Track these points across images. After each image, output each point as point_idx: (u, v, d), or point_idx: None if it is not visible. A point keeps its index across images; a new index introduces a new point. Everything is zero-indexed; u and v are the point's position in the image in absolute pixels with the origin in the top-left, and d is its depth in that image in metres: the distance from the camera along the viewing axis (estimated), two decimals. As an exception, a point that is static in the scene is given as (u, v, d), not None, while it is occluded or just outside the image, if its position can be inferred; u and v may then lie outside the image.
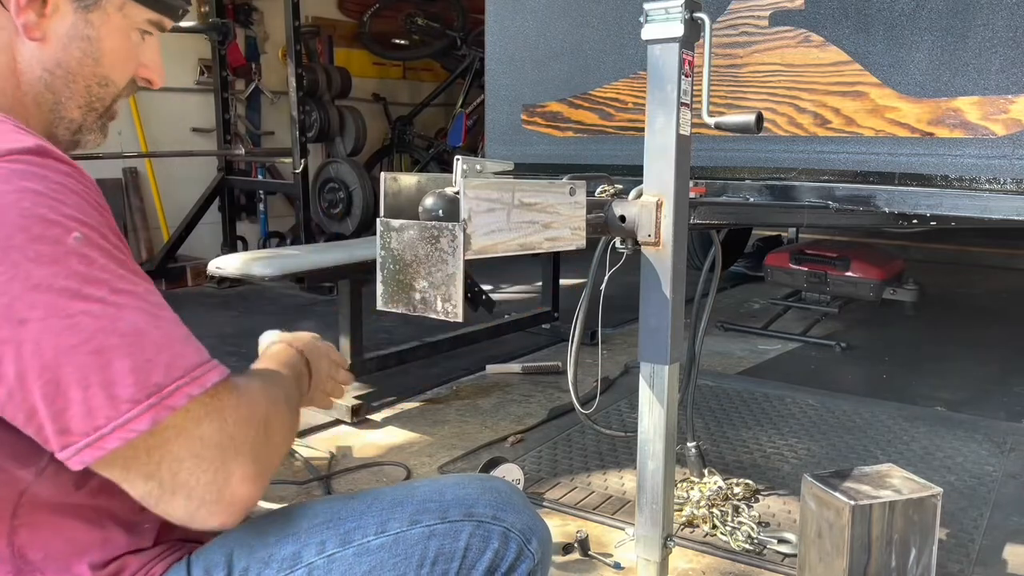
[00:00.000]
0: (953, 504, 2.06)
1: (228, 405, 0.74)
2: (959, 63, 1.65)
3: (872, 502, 1.47)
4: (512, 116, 2.35)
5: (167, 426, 0.70)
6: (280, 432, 0.82)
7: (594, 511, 2.07)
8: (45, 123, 0.89)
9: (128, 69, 0.92)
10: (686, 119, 1.31)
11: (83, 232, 0.70)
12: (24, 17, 0.83)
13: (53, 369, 0.67)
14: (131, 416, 0.68)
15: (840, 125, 1.82)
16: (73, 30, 0.86)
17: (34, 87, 0.86)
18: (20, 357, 0.67)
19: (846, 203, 1.83)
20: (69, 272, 0.68)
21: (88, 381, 0.67)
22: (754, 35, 1.90)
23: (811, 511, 1.57)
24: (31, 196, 0.69)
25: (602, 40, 2.15)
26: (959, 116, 1.66)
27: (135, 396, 0.68)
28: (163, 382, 0.70)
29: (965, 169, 1.66)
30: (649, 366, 1.37)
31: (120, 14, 0.89)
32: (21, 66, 0.85)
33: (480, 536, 0.90)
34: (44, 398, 0.67)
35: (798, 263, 4.14)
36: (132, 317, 0.70)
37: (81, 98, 0.89)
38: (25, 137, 0.74)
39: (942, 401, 2.98)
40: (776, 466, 2.34)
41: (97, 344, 0.68)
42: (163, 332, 0.72)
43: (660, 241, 1.31)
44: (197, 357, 0.74)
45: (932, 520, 1.52)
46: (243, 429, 0.75)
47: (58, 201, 0.70)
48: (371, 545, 0.88)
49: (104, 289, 0.70)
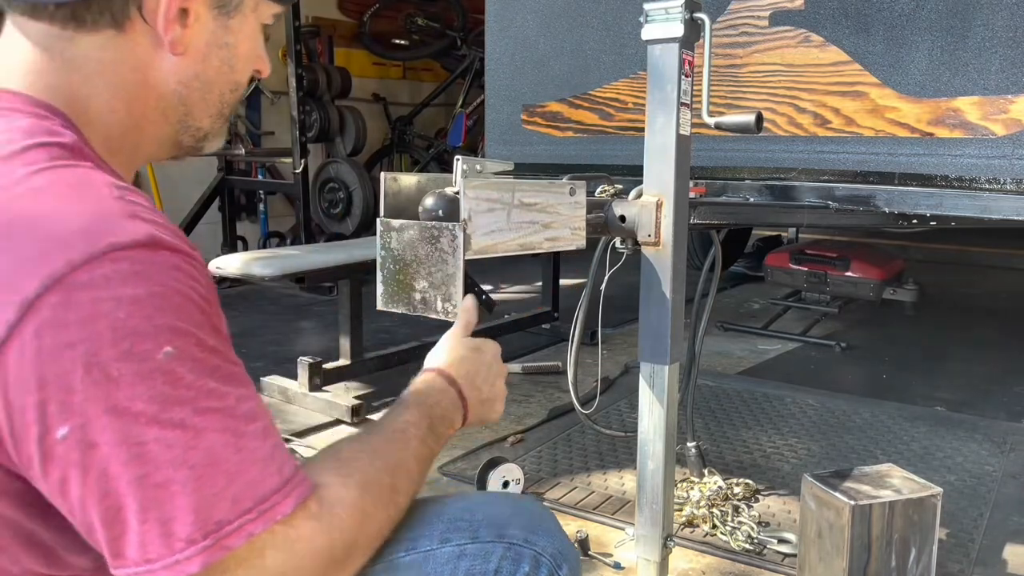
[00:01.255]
0: (953, 504, 2.06)
1: (302, 536, 0.71)
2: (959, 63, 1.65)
3: (872, 502, 1.47)
4: (512, 116, 2.35)
5: (225, 560, 0.67)
6: (387, 524, 0.80)
7: (594, 511, 2.07)
8: (169, 134, 0.85)
9: (251, 68, 0.89)
10: (686, 119, 1.32)
11: (176, 346, 0.66)
12: (171, 32, 0.79)
13: (114, 497, 0.64)
14: (181, 557, 0.65)
15: (840, 125, 1.82)
16: (213, 38, 0.82)
17: (165, 101, 0.82)
18: (85, 483, 0.64)
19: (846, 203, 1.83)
20: (151, 394, 0.64)
21: (146, 515, 0.65)
22: (754, 35, 1.90)
23: (811, 511, 1.57)
24: (127, 306, 0.64)
25: (602, 40, 2.15)
26: (959, 116, 1.66)
27: (191, 535, 0.65)
28: (226, 518, 0.66)
29: (965, 169, 1.66)
30: (649, 366, 1.38)
31: (254, 15, 0.86)
32: (154, 82, 0.81)
33: (511, 559, 0.88)
34: (103, 522, 0.65)
35: (798, 263, 4.14)
36: (209, 442, 0.66)
37: (214, 107, 0.86)
38: (135, 225, 0.67)
39: (942, 401, 2.98)
40: (776, 466, 2.34)
41: (163, 477, 0.65)
42: (242, 456, 0.68)
43: (660, 241, 1.32)
44: (275, 481, 0.70)
45: (932, 520, 1.52)
46: (314, 561, 0.72)
47: (157, 309, 0.65)
48: (401, 562, 0.86)
49: (187, 410, 0.66)
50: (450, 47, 6.26)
